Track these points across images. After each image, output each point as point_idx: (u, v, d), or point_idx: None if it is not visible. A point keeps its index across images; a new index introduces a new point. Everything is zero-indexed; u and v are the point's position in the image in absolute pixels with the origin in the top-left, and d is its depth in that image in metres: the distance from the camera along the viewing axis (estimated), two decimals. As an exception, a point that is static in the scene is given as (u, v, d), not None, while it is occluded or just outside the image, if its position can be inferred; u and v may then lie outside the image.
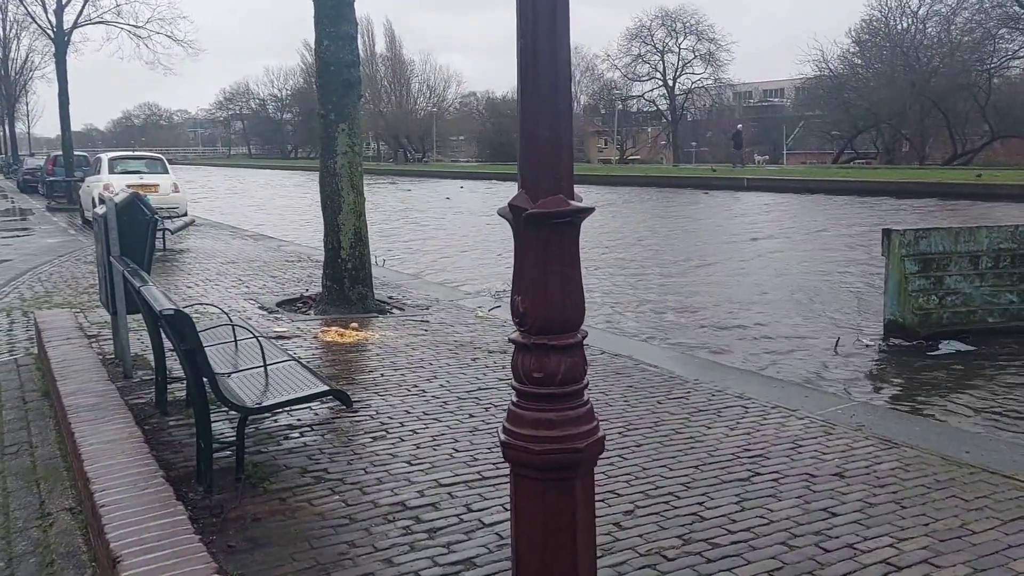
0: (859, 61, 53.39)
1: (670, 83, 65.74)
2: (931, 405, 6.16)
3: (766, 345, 8.18)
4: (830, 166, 49.19)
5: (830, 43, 74.93)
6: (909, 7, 49.99)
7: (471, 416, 4.84)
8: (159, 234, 12.71)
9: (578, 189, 2.25)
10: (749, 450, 4.31)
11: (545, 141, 2.17)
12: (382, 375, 5.78)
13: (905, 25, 50.95)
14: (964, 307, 8.03)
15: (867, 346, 7.95)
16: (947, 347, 7.64)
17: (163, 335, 4.49)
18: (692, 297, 10.92)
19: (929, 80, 46.90)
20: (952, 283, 8.00)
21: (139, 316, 5.37)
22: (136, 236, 5.50)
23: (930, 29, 49.28)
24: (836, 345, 7.94)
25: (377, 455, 4.21)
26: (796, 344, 8.21)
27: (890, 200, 26.14)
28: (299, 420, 4.74)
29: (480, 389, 5.41)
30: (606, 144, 76.63)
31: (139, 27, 26.83)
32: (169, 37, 27.05)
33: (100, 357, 5.94)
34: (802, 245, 16.34)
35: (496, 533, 3.32)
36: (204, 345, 3.70)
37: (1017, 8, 41.53)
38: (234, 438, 3.94)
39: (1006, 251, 8.11)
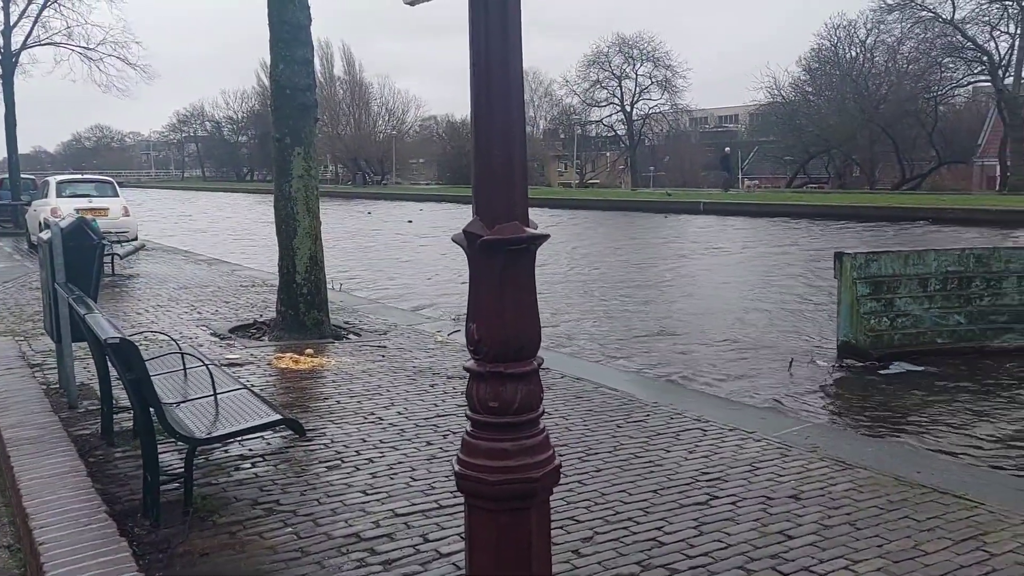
0: (810, 89, 54.74)
1: (628, 109, 66.63)
2: (883, 425, 6.25)
3: (723, 367, 8.24)
4: (783, 190, 50.16)
5: (782, 71, 76.80)
6: (857, 36, 51.54)
7: (429, 444, 4.78)
8: (108, 259, 12.47)
9: (537, 212, 2.24)
10: (707, 473, 4.32)
11: (499, 165, 2.15)
12: (338, 402, 5.69)
13: (854, 54, 52.46)
14: (914, 328, 8.19)
15: (821, 367, 8.06)
16: (898, 368, 7.79)
17: (109, 364, 4.36)
18: (650, 319, 10.98)
19: (878, 107, 48.25)
20: (902, 305, 8.17)
21: (85, 344, 5.22)
22: (83, 262, 5.36)
23: (878, 58, 50.80)
24: (790, 366, 8.03)
25: (332, 485, 4.12)
26: (751, 365, 8.29)
27: (842, 223, 26.71)
28: (251, 450, 4.63)
29: (439, 416, 5.34)
30: (566, 168, 77.23)
31: (91, 49, 26.37)
32: (122, 60, 26.65)
33: (44, 387, 5.76)
34: (757, 268, 16.58)
35: (453, 563, 3.26)
36: (152, 374, 3.61)
37: (960, 38, 43.00)
38: (182, 470, 3.82)
39: (953, 274, 8.32)
